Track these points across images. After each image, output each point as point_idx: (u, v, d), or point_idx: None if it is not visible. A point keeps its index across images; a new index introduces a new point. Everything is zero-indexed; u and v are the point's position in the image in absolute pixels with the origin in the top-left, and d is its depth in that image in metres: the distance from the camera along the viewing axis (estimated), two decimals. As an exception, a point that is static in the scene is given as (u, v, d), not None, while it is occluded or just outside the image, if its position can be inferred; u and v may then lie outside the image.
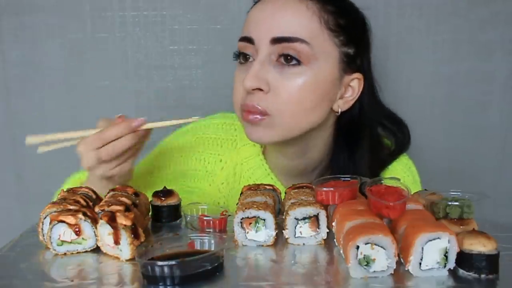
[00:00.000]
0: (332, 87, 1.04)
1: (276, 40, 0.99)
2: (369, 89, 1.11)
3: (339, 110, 1.07)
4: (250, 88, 1.00)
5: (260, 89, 1.00)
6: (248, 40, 1.03)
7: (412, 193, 0.85)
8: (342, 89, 1.06)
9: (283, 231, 0.82)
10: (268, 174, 1.16)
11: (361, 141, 1.12)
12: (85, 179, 1.05)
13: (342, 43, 1.04)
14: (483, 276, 0.69)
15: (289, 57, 1.00)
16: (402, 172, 1.18)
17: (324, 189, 0.83)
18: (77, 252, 0.80)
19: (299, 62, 1.00)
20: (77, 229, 0.80)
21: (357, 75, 1.07)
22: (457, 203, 0.80)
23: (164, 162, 1.22)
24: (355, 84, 1.07)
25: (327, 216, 0.81)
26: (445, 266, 0.70)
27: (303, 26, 1.00)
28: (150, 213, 0.94)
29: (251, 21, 1.04)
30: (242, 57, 1.06)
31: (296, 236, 0.82)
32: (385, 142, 1.20)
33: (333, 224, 0.81)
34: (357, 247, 0.69)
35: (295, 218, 0.81)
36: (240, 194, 0.91)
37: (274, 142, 1.05)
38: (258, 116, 1.01)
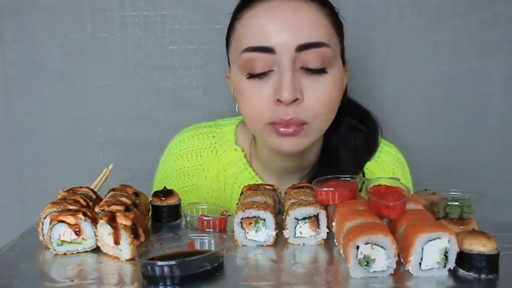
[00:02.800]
0: (342, 83, 1.06)
1: (303, 47, 0.96)
2: None
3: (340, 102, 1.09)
4: (290, 100, 0.95)
5: (296, 99, 0.97)
6: (265, 50, 0.97)
7: (409, 191, 0.85)
8: None
9: (283, 231, 0.82)
10: (253, 177, 1.15)
11: (341, 122, 1.12)
12: None
13: (340, 39, 1.05)
14: (483, 276, 0.69)
15: (314, 63, 0.97)
16: (390, 164, 1.18)
17: (324, 189, 0.83)
18: (77, 252, 0.81)
19: (325, 67, 0.98)
20: (77, 229, 0.80)
21: (346, 66, 1.09)
22: (457, 203, 0.80)
23: None
24: (345, 75, 1.10)
25: (327, 216, 0.81)
26: (445, 266, 0.70)
27: (322, 29, 0.99)
28: (150, 213, 0.94)
29: (262, 30, 0.97)
30: (260, 69, 0.98)
31: (296, 236, 0.82)
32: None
33: (333, 224, 0.81)
34: (357, 247, 0.69)
35: (295, 218, 0.81)
36: (240, 194, 0.91)
37: (305, 148, 1.03)
38: (294, 127, 0.98)
